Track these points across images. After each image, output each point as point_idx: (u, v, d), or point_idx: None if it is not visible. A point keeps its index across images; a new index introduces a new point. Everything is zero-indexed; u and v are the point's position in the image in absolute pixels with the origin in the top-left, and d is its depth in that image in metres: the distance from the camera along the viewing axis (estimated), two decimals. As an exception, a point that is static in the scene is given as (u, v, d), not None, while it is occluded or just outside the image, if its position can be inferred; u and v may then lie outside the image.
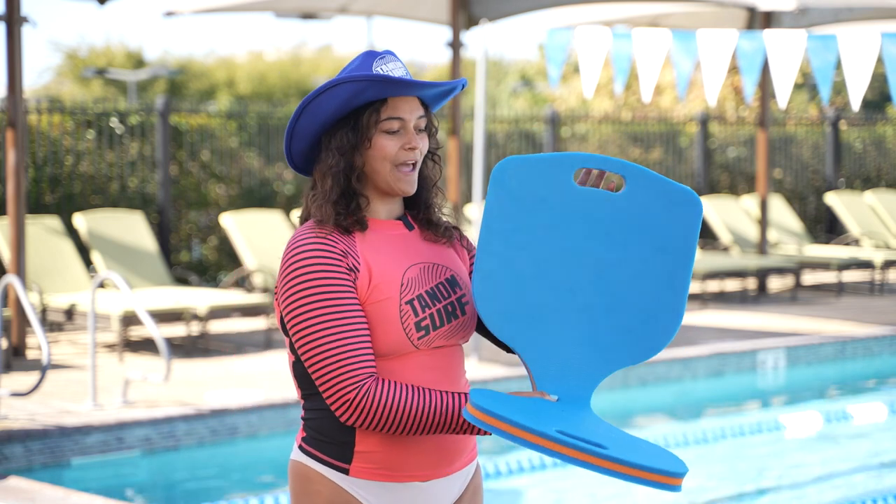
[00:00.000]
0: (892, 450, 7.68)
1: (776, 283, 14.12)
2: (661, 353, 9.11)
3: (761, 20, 12.33)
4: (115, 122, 12.16)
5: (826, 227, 16.93)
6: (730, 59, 8.74)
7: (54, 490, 5.82)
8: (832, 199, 15.55)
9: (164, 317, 9.19)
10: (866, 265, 13.50)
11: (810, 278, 14.63)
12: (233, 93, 35.39)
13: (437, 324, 2.51)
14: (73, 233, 11.10)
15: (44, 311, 9.59)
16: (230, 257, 12.68)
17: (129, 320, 9.01)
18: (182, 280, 11.54)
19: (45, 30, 70.17)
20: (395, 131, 2.51)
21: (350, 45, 70.57)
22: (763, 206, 13.12)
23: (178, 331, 10.11)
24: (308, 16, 13.32)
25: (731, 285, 13.68)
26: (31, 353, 8.98)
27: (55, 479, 6.28)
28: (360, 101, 2.50)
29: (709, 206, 14.33)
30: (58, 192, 11.66)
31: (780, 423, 7.95)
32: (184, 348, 9.47)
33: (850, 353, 10.09)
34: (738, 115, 18.29)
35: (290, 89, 35.47)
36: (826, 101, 8.36)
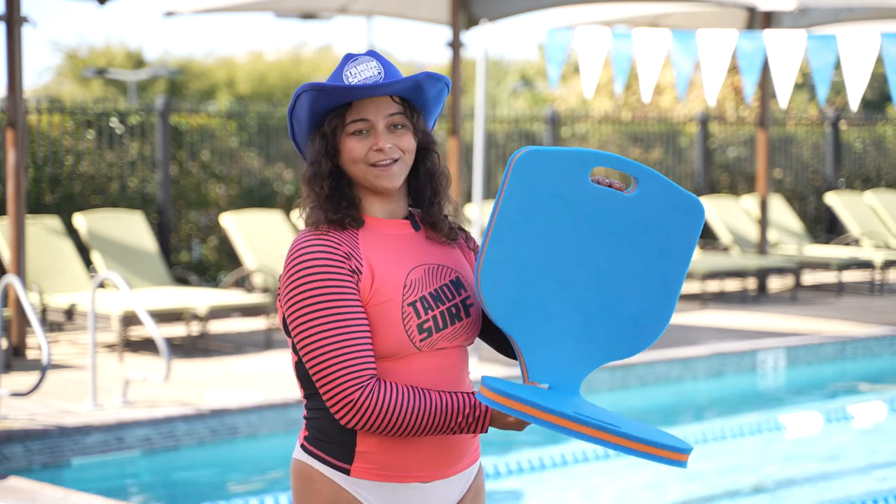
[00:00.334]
0: (892, 450, 7.68)
1: (776, 283, 14.12)
2: (662, 353, 9.13)
3: (761, 20, 12.33)
4: (115, 122, 12.16)
5: (826, 227, 16.93)
6: (730, 59, 8.75)
7: (54, 490, 5.82)
8: (832, 199, 15.55)
9: (164, 317, 9.19)
10: (866, 265, 13.50)
11: (810, 278, 14.63)
12: (233, 93, 35.38)
13: (441, 326, 2.51)
14: (73, 233, 11.10)
15: (44, 311, 9.59)
16: (230, 257, 12.68)
17: (129, 320, 9.01)
18: (182, 280, 11.54)
19: (45, 30, 70.23)
20: (362, 133, 2.51)
21: (350, 45, 70.57)
22: (763, 206, 13.12)
23: (178, 331, 10.11)
24: (308, 16, 13.32)
25: (731, 285, 13.68)
26: (31, 353, 8.98)
27: (55, 479, 6.28)
28: (325, 107, 2.51)
29: (709, 206, 14.33)
30: (58, 192, 11.66)
31: (780, 423, 7.94)
32: (184, 348, 9.47)
33: (850, 353, 10.09)
34: (738, 115, 18.29)
35: (290, 89, 35.44)
36: (823, 101, 8.36)
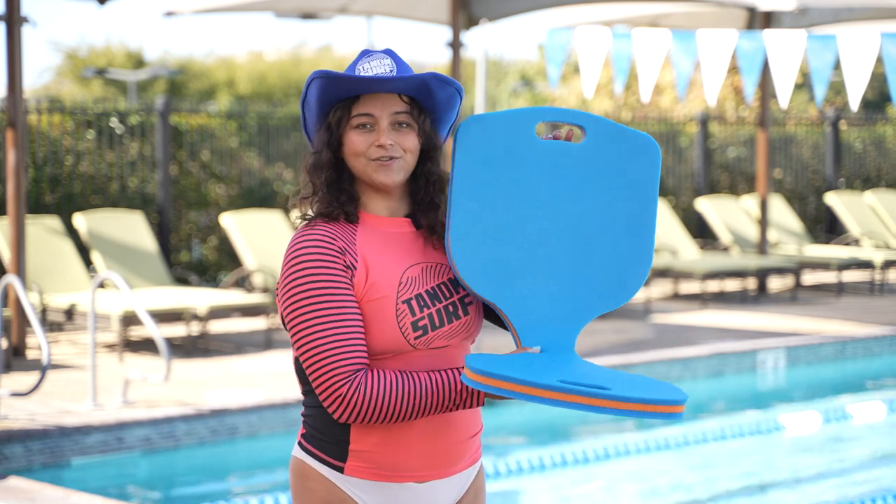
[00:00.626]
0: (892, 450, 7.68)
1: (776, 283, 14.12)
2: (662, 353, 9.13)
3: (761, 20, 12.33)
4: (115, 122, 12.16)
5: (826, 227, 16.93)
6: (730, 59, 8.75)
7: (54, 490, 5.81)
8: (832, 199, 15.55)
9: (164, 317, 9.19)
10: (866, 265, 13.50)
11: (810, 278, 14.63)
12: (233, 93, 35.38)
13: (437, 324, 2.50)
14: (73, 233, 11.10)
15: (44, 311, 9.59)
16: (230, 257, 12.68)
17: (129, 320, 9.01)
18: (182, 280, 11.54)
19: (45, 30, 70.23)
20: (366, 127, 2.51)
21: (350, 45, 70.52)
22: (763, 206, 13.12)
23: (178, 331, 10.11)
24: (308, 16, 13.32)
25: (731, 285, 13.68)
26: (31, 353, 8.98)
27: (55, 479, 6.28)
28: (334, 98, 2.51)
29: (709, 206, 14.33)
30: (58, 192, 11.66)
31: (780, 423, 7.94)
32: (184, 348, 9.47)
33: (850, 353, 10.09)
34: (738, 115, 18.29)
35: (290, 89, 35.45)
36: (820, 101, 8.35)
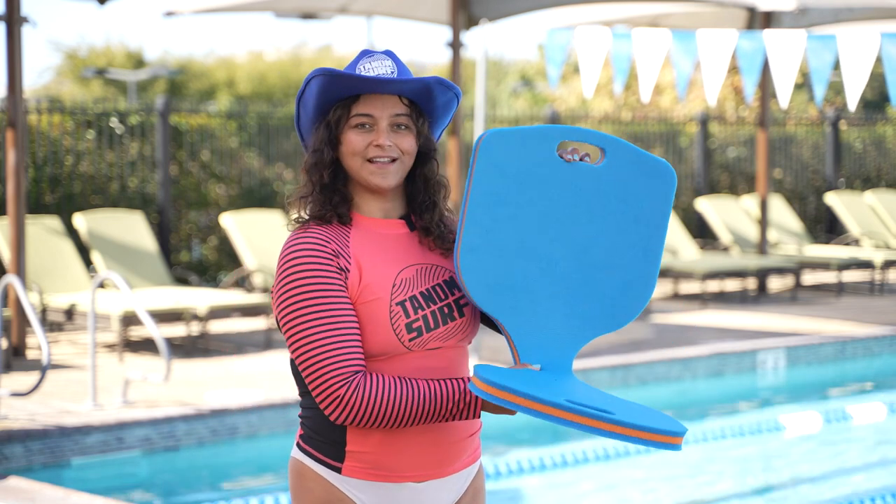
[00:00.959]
0: (892, 450, 7.68)
1: (776, 283, 14.11)
2: (662, 353, 9.13)
3: (761, 20, 12.33)
4: (115, 122, 12.16)
5: (826, 227, 16.93)
6: (730, 59, 8.74)
7: (54, 490, 5.81)
8: (832, 199, 15.55)
9: (164, 317, 9.19)
10: (866, 265, 13.50)
11: (810, 278, 14.63)
12: (233, 93, 35.37)
13: (432, 325, 2.50)
14: (73, 233, 11.10)
15: (44, 311, 9.59)
16: (230, 257, 12.68)
17: (129, 320, 9.01)
18: (182, 280, 11.54)
19: (45, 30, 70.23)
20: (364, 127, 2.51)
21: (350, 45, 70.52)
22: (763, 206, 13.12)
23: (178, 331, 10.11)
24: (308, 16, 13.32)
25: (731, 285, 13.68)
26: (31, 353, 8.98)
27: (55, 479, 6.28)
28: (334, 97, 2.51)
29: (709, 206, 14.33)
30: (58, 192, 11.66)
31: (780, 423, 7.94)
32: (184, 348, 9.47)
33: (850, 353, 10.09)
34: (738, 115, 18.29)
35: (290, 89, 35.44)
36: (819, 101, 8.35)
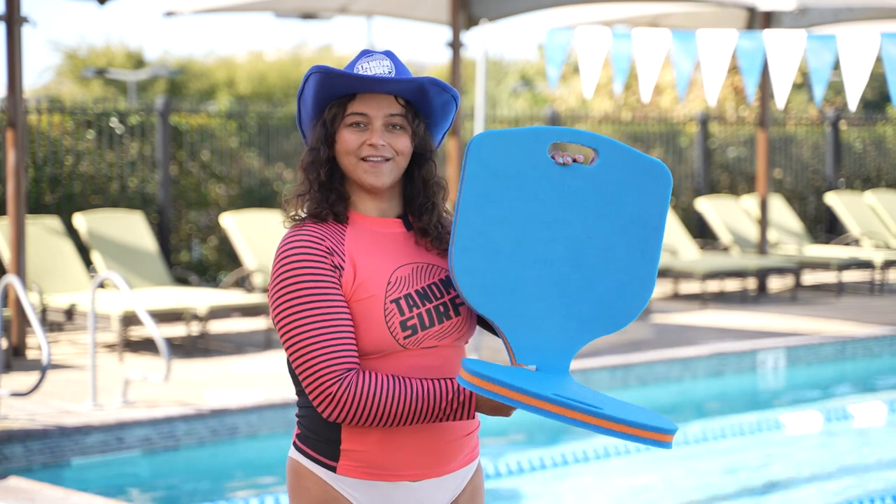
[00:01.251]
0: (892, 450, 7.68)
1: (776, 283, 14.12)
2: (662, 353, 9.13)
3: (761, 20, 12.33)
4: (115, 122, 12.16)
5: (826, 227, 16.93)
6: (730, 59, 8.74)
7: (54, 490, 5.81)
8: (832, 199, 15.55)
9: (164, 317, 9.19)
10: (866, 265, 13.50)
11: (810, 278, 14.63)
12: (233, 93, 35.37)
13: (427, 324, 2.49)
14: (73, 233, 11.10)
15: (44, 311, 9.59)
16: (230, 257, 12.68)
17: (129, 320, 9.01)
18: (182, 280, 11.54)
19: (45, 30, 70.22)
20: (359, 126, 2.52)
21: (350, 45, 70.52)
22: (763, 206, 13.12)
23: (178, 331, 10.11)
24: (308, 16, 13.32)
25: (731, 285, 13.68)
26: (31, 353, 8.98)
27: (55, 479, 6.28)
28: (330, 95, 2.52)
29: (709, 206, 14.34)
30: (58, 192, 11.66)
31: (780, 423, 7.94)
32: (184, 348, 9.47)
33: (850, 353, 10.09)
34: (738, 115, 18.29)
35: (290, 89, 35.43)
36: (819, 101, 8.36)
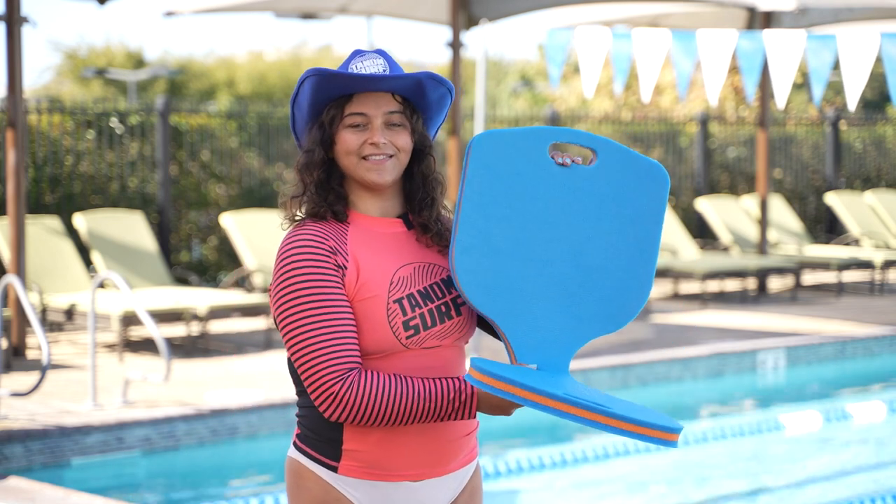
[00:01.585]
0: (892, 450, 7.68)
1: (776, 283, 14.11)
2: (662, 353, 9.13)
3: (761, 20, 12.33)
4: (115, 122, 12.16)
5: (826, 227, 16.93)
6: (730, 59, 8.74)
7: (54, 490, 5.81)
8: (832, 199, 15.55)
9: (164, 317, 9.19)
10: (866, 265, 13.50)
11: (810, 278, 14.63)
12: (233, 93, 35.38)
13: (429, 323, 2.50)
14: (73, 233, 11.10)
15: (44, 311, 9.59)
16: (230, 257, 12.68)
17: (129, 320, 9.01)
18: (182, 280, 11.54)
19: (45, 30, 70.22)
20: (359, 126, 2.51)
21: (350, 45, 70.55)
22: (763, 206, 13.12)
23: (178, 331, 10.11)
24: (308, 16, 13.31)
25: (731, 285, 13.68)
26: (31, 353, 8.98)
27: (55, 479, 6.28)
28: (327, 97, 2.51)
29: (709, 206, 14.34)
30: (58, 192, 11.66)
31: (780, 423, 7.94)
32: (184, 348, 9.47)
33: (850, 353, 10.09)
34: (738, 115, 18.29)
35: (290, 89, 35.43)
36: (818, 101, 8.35)
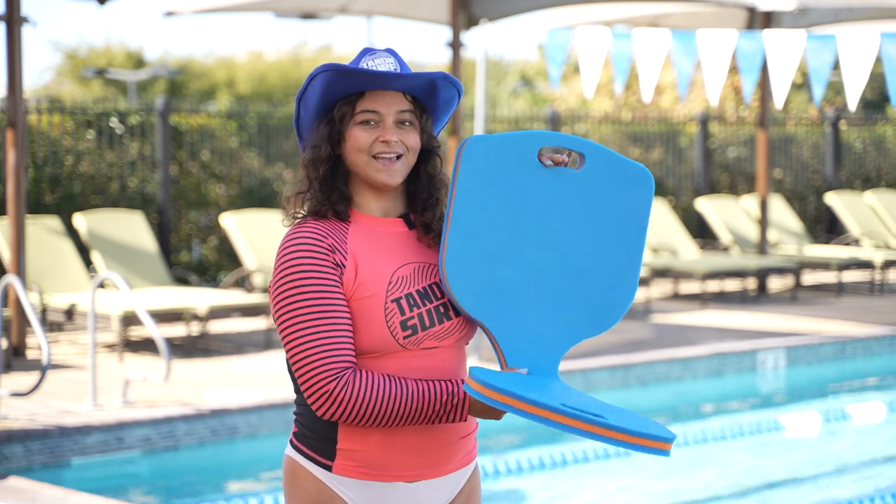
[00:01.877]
0: (892, 450, 7.68)
1: (776, 283, 14.11)
2: (662, 353, 9.13)
3: (761, 20, 12.33)
4: (115, 122, 12.16)
5: (826, 227, 16.93)
6: (730, 59, 8.74)
7: (54, 490, 5.81)
8: (832, 199, 15.55)
9: (164, 317, 9.19)
10: (866, 265, 13.50)
11: (810, 278, 14.63)
12: (233, 93, 35.38)
13: (427, 324, 2.49)
14: (73, 233, 11.10)
15: (44, 311, 9.59)
16: (230, 257, 12.68)
17: (129, 320, 9.01)
18: (182, 280, 11.54)
19: (45, 30, 70.22)
20: (370, 123, 2.50)
21: (350, 45, 70.50)
22: (763, 206, 13.11)
23: (178, 331, 10.11)
24: (308, 16, 13.31)
25: (731, 285, 13.68)
26: (31, 353, 8.98)
27: (55, 479, 6.28)
28: (338, 94, 2.50)
29: (709, 206, 14.34)
30: (58, 192, 11.66)
31: (780, 423, 7.94)
32: (184, 348, 9.47)
33: (850, 353, 10.09)
34: (738, 115, 18.29)
35: (290, 89, 35.44)
36: (818, 101, 8.35)
